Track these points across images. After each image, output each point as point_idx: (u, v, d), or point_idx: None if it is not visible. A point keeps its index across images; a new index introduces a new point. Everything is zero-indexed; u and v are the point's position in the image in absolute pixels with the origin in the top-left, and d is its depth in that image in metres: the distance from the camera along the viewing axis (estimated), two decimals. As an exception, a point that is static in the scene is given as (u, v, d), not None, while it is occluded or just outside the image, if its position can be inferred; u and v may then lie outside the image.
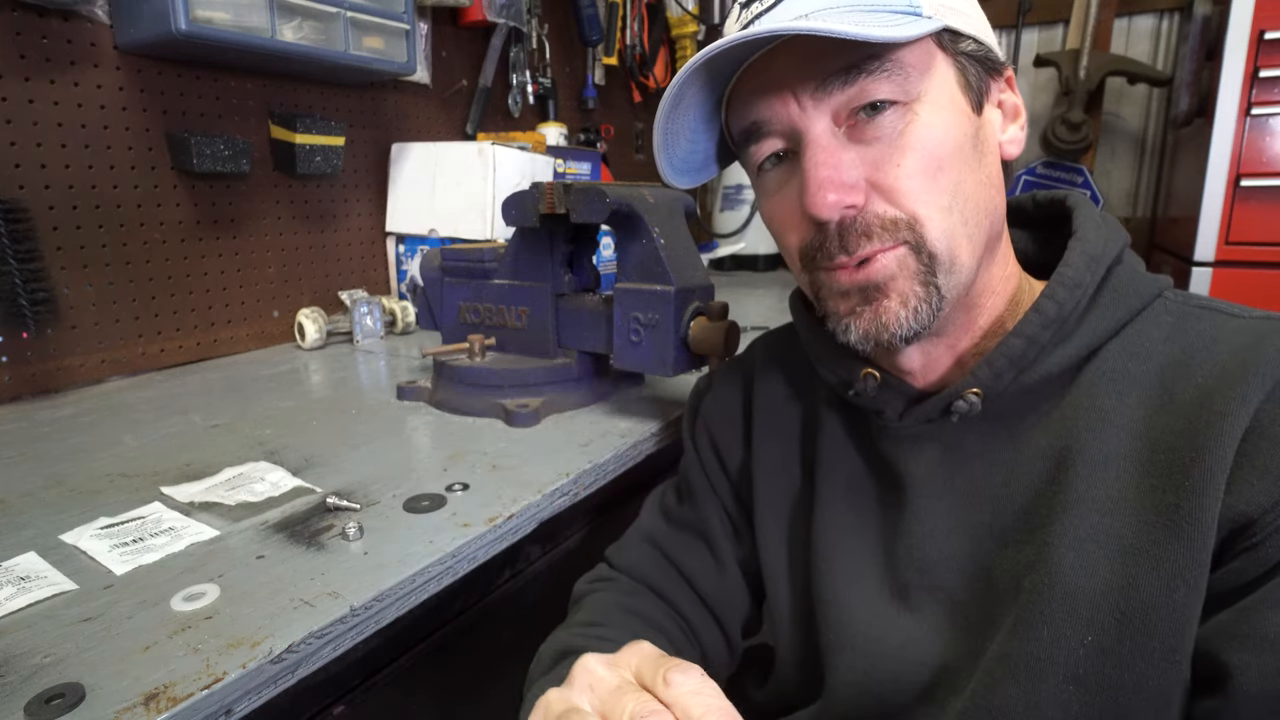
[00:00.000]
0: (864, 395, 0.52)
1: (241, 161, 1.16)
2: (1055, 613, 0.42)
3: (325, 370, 1.16)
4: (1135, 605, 0.41)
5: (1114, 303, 0.47)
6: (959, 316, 0.49)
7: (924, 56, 0.45)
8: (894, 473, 0.52)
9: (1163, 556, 0.40)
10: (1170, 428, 0.42)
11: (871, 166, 0.45)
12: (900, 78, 0.44)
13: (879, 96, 0.44)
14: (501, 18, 1.60)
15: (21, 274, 0.93)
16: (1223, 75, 1.56)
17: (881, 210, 0.45)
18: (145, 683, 0.41)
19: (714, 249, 2.18)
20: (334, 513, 0.63)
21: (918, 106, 0.45)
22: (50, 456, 0.78)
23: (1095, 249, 0.47)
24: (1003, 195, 0.50)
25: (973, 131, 0.47)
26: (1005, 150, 0.50)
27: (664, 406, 0.90)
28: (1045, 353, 0.47)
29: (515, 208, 0.88)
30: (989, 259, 0.49)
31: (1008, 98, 0.50)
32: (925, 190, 0.44)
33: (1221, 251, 1.62)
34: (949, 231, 0.45)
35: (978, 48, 0.47)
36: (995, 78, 0.49)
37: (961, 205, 0.45)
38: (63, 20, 0.99)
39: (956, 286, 0.46)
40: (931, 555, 0.50)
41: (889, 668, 0.50)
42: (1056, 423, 0.46)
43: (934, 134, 0.45)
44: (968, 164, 0.46)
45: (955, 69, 0.46)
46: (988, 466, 0.48)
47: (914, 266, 0.45)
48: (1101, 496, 0.43)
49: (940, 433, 0.50)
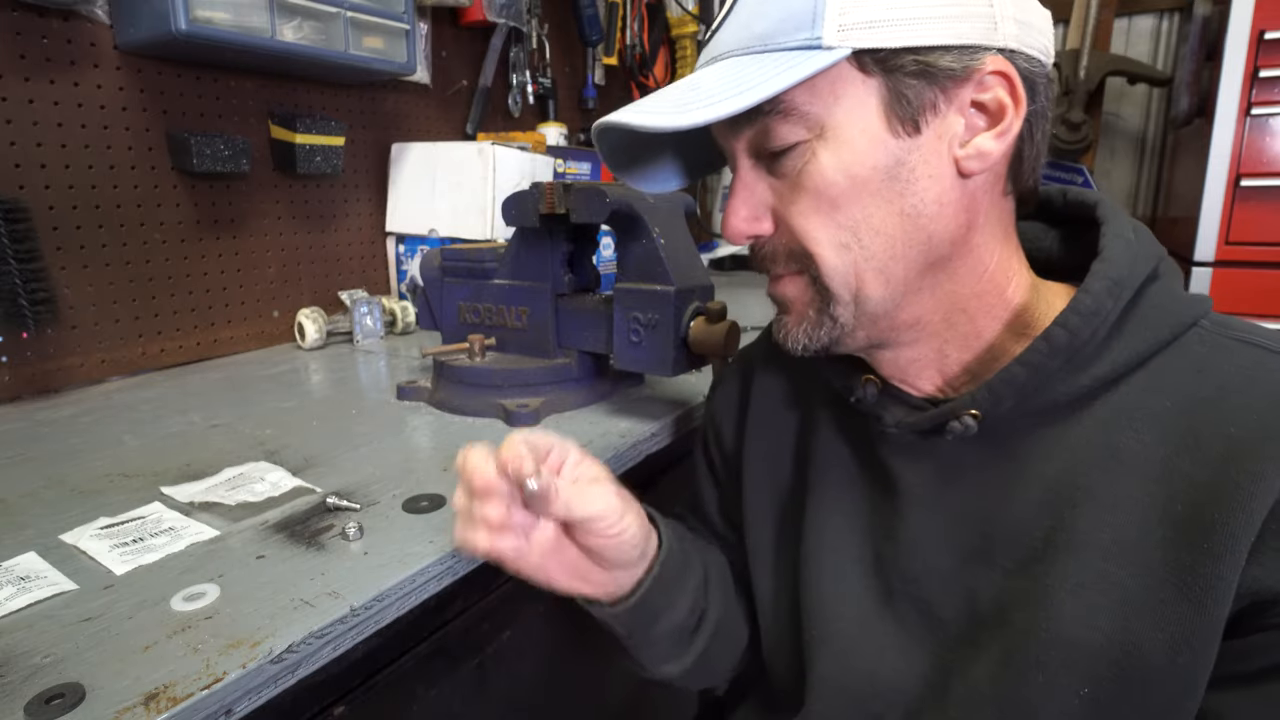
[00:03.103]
0: (864, 402, 0.52)
1: (241, 161, 1.16)
2: (1051, 660, 0.41)
3: (325, 370, 1.16)
4: (1135, 664, 0.39)
5: (1140, 331, 0.43)
6: (917, 332, 0.48)
7: (832, 85, 0.43)
8: (888, 478, 0.52)
9: (1169, 616, 0.39)
10: (1192, 478, 0.39)
11: (777, 198, 0.47)
12: (797, 117, 0.44)
13: (778, 140, 0.45)
14: (501, 18, 1.60)
15: (21, 274, 0.93)
16: (1223, 75, 1.56)
17: (785, 240, 0.48)
18: (145, 683, 0.41)
19: (714, 249, 2.18)
20: (334, 513, 0.63)
21: (818, 144, 0.44)
22: (50, 456, 0.78)
23: (1120, 273, 0.43)
24: (952, 218, 0.45)
25: (890, 161, 0.43)
26: (964, 166, 0.43)
27: (664, 406, 0.90)
28: (1055, 380, 0.44)
29: (515, 208, 0.88)
30: (932, 284, 0.46)
31: (990, 96, 0.43)
32: (819, 229, 0.46)
33: (1221, 251, 1.62)
34: (845, 269, 0.46)
35: (914, 62, 0.41)
36: (960, 84, 0.42)
37: (868, 241, 0.45)
38: (63, 20, 0.99)
39: (866, 315, 0.47)
40: (916, 566, 0.49)
41: (866, 668, 0.50)
42: (1064, 454, 0.44)
43: (827, 175, 0.44)
44: (876, 197, 0.44)
45: (879, 91, 0.42)
46: (982, 487, 0.47)
47: (809, 295, 0.48)
48: (1107, 541, 0.41)
49: (937, 447, 0.49)
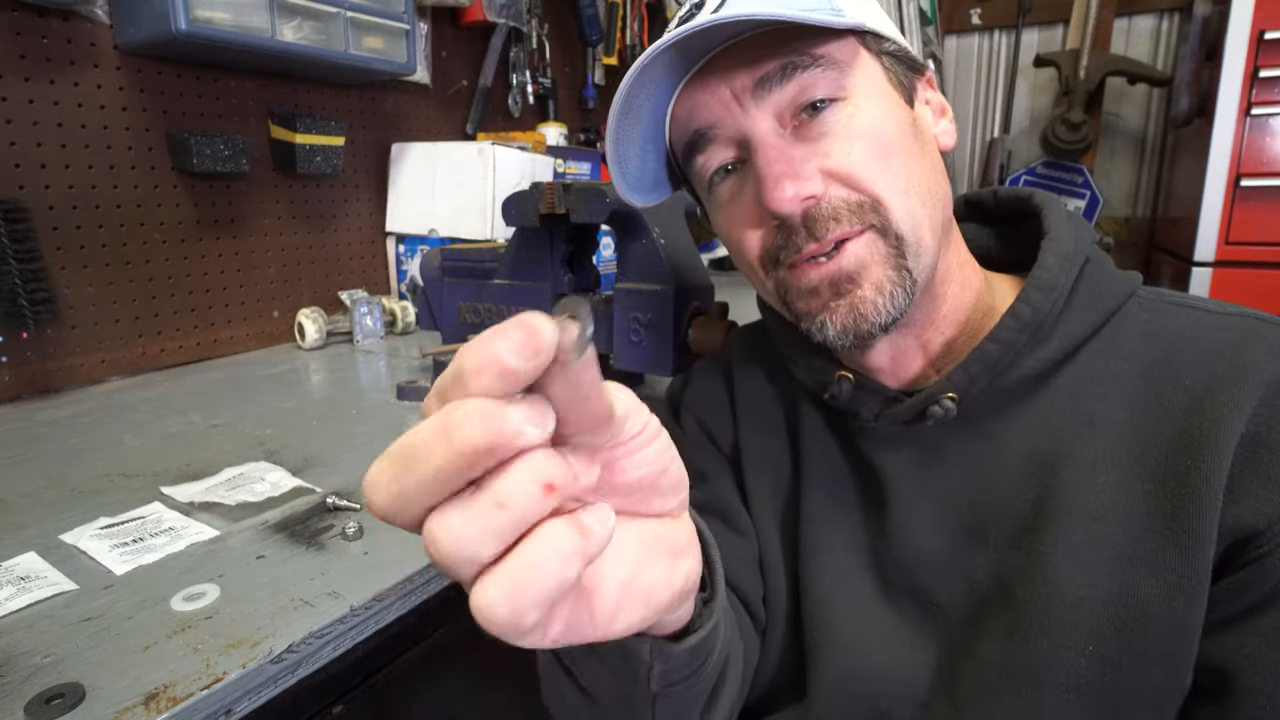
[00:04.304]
0: (839, 398, 0.52)
1: (241, 161, 1.16)
2: (1055, 624, 0.42)
3: (325, 370, 1.16)
4: (1134, 614, 0.41)
5: (1089, 303, 0.47)
6: (925, 304, 0.50)
7: (851, 54, 0.47)
8: (872, 472, 0.52)
9: (1161, 564, 0.40)
10: (1160, 432, 0.42)
11: (824, 157, 0.45)
12: (834, 72, 0.45)
13: (817, 93, 0.45)
14: (501, 18, 1.60)
15: (21, 274, 0.93)
16: (1223, 75, 1.57)
17: (844, 194, 0.45)
18: (145, 683, 0.41)
19: (714, 249, 2.18)
20: (334, 513, 0.63)
21: (856, 99, 0.46)
22: (50, 456, 0.78)
23: (1068, 249, 0.47)
24: (948, 183, 0.51)
25: (910, 121, 0.48)
26: (940, 141, 0.51)
27: (664, 406, 0.90)
28: (1022, 355, 0.46)
29: (515, 208, 0.88)
30: (945, 244, 0.49)
31: (933, 96, 0.52)
32: (881, 173, 0.45)
33: (1221, 251, 1.62)
34: (910, 212, 0.46)
35: (898, 48, 0.49)
36: (918, 77, 0.51)
37: (916, 188, 0.46)
38: (63, 20, 0.99)
39: (925, 269, 0.47)
40: (909, 555, 0.50)
41: (873, 664, 0.50)
42: (1038, 425, 0.46)
43: (877, 122, 0.46)
44: (912, 150, 0.47)
45: (881, 66, 0.48)
46: (966, 469, 0.48)
47: (884, 250, 0.45)
48: (1094, 503, 0.43)
49: (917, 434, 0.50)
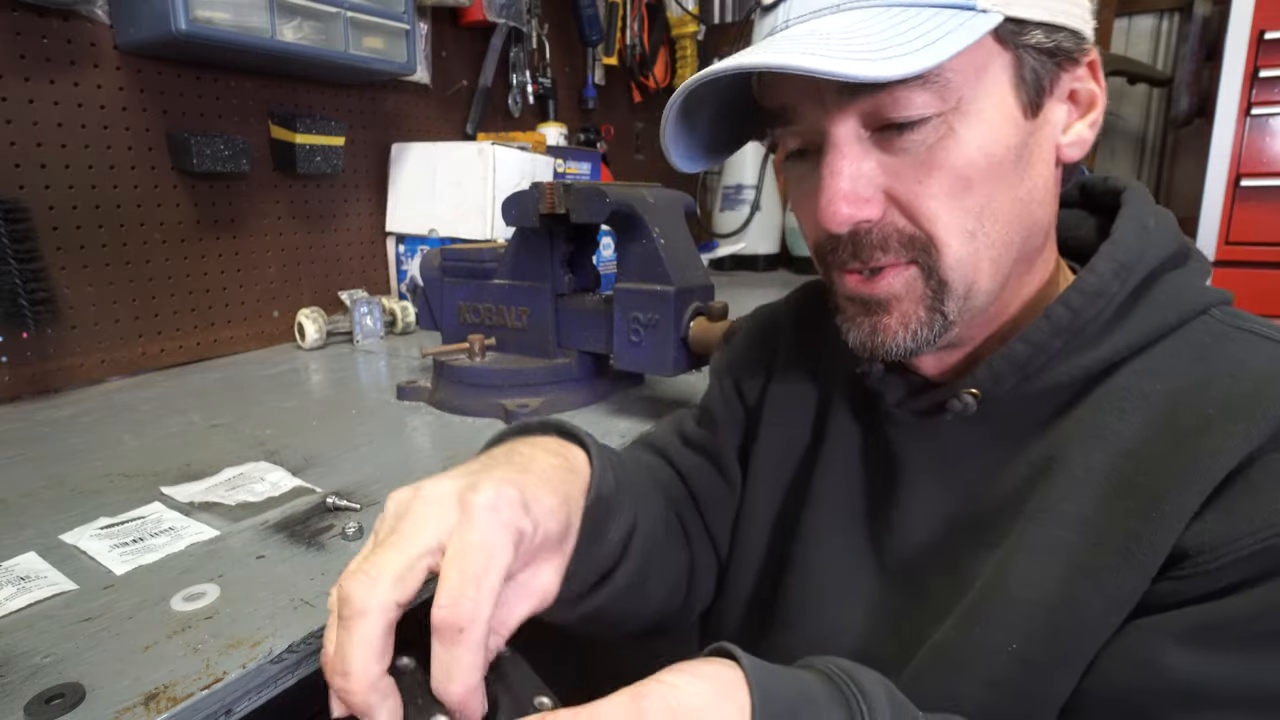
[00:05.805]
0: (870, 377, 0.52)
1: (241, 161, 1.16)
2: (989, 616, 0.42)
3: (325, 370, 1.16)
4: (1069, 623, 0.40)
5: (1147, 316, 0.43)
6: (976, 326, 0.47)
7: (975, 56, 0.39)
8: (892, 459, 0.52)
9: (1109, 581, 0.39)
10: (1160, 454, 0.40)
11: (893, 177, 0.41)
12: (939, 86, 0.39)
13: (912, 110, 0.39)
14: (501, 18, 1.60)
15: (21, 274, 0.93)
16: (1223, 75, 1.57)
17: (901, 225, 0.42)
18: (145, 683, 0.41)
19: (714, 249, 2.18)
20: (334, 513, 0.63)
21: (954, 118, 0.40)
22: (50, 456, 0.78)
23: (1129, 256, 0.43)
24: (1049, 206, 0.45)
25: (1018, 142, 0.41)
26: (1064, 153, 0.44)
27: (664, 406, 0.90)
28: (1055, 361, 0.43)
29: (515, 208, 0.88)
30: (1023, 272, 0.46)
31: (1083, 86, 0.43)
32: (948, 212, 0.41)
33: (1221, 251, 1.62)
34: (967, 258, 0.42)
35: (1046, 38, 0.40)
36: (1070, 67, 0.42)
37: (989, 228, 0.42)
38: (63, 20, 0.99)
39: (970, 311, 0.44)
40: (910, 543, 0.50)
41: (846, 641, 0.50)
42: (1054, 434, 0.44)
43: (966, 152, 0.40)
44: (1003, 181, 0.41)
45: (1013, 67, 0.41)
46: (978, 467, 0.48)
47: (921, 290, 0.43)
48: (1069, 511, 0.41)
49: (938, 428, 0.50)
